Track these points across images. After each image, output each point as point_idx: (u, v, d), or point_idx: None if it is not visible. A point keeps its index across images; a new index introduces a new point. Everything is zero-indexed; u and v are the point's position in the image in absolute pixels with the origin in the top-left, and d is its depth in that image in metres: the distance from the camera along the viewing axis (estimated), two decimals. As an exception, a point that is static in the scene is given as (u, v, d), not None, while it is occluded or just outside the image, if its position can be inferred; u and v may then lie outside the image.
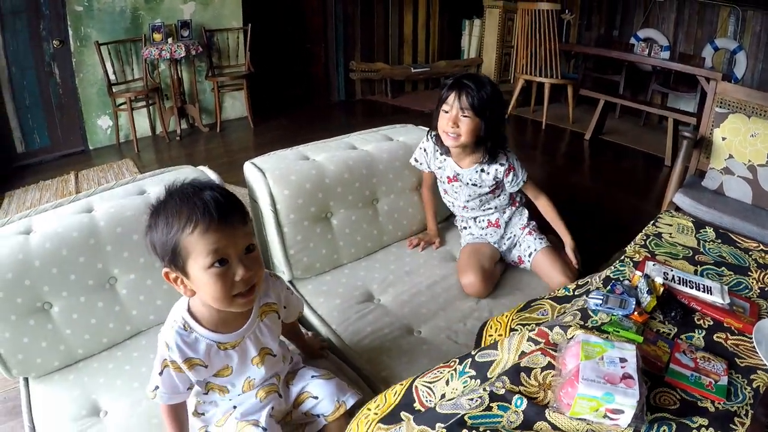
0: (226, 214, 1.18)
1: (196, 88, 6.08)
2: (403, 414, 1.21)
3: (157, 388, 1.30)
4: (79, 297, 1.72)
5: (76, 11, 5.26)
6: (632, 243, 1.85)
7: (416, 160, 2.39)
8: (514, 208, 2.38)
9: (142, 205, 1.82)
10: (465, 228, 2.41)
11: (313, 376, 1.53)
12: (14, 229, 1.73)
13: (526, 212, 2.39)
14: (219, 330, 1.32)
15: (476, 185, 2.29)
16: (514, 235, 2.34)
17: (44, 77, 5.30)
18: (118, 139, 5.78)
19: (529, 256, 2.29)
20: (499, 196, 2.35)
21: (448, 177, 2.32)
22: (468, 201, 2.34)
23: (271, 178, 2.11)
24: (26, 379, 1.76)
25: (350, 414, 1.46)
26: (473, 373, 1.25)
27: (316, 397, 1.49)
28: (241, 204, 1.25)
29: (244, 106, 6.33)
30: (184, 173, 2.02)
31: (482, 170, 2.27)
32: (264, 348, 1.41)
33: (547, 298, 1.64)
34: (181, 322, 1.30)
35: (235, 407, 1.43)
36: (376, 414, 1.25)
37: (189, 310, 1.31)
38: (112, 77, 5.48)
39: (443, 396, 1.23)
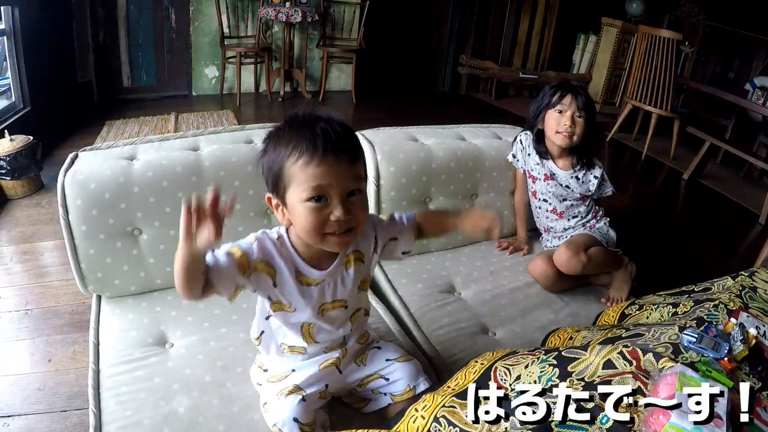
0: (334, 148, 1.13)
1: (305, 55, 6.20)
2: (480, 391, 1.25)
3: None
4: (170, 230, 1.77)
5: (203, -40, 5.46)
6: (727, 290, 1.83)
7: (513, 156, 2.41)
8: (595, 221, 2.38)
9: (249, 154, 1.86)
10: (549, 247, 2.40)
11: (387, 360, 1.49)
12: (119, 153, 1.81)
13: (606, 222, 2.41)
14: (305, 260, 1.29)
15: (569, 188, 2.33)
16: None
17: (160, 20, 5.56)
18: (221, 90, 5.97)
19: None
20: (587, 203, 2.38)
21: (545, 174, 2.34)
22: (560, 201, 2.36)
23: (380, 153, 2.15)
24: (99, 297, 1.82)
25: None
26: (554, 362, 1.27)
27: (387, 379, 1.47)
28: (356, 141, 1.21)
29: (350, 80, 6.43)
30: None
31: (576, 177, 2.32)
32: (339, 300, 1.35)
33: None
34: (276, 234, 1.30)
35: (293, 370, 1.40)
36: (453, 390, 1.28)
37: (287, 231, 1.30)
38: (225, 30, 5.67)
39: (518, 377, 1.25)
